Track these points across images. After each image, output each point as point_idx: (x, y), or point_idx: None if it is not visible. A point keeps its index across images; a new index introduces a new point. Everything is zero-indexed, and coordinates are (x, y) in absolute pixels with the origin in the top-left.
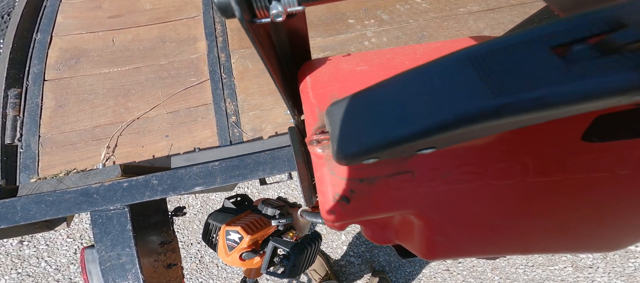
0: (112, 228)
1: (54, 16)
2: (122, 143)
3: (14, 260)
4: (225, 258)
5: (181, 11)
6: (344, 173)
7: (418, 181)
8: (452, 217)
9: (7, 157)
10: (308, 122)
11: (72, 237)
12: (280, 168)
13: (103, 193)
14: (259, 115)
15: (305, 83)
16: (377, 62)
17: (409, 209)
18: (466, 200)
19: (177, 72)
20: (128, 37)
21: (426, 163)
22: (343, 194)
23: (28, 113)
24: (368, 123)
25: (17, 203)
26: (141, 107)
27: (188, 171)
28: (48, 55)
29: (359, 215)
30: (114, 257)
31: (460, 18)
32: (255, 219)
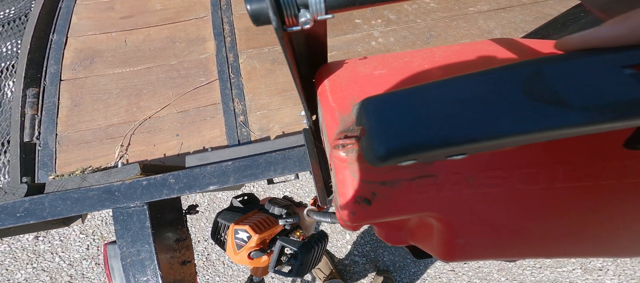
0: (132, 225)
1: (69, 17)
2: (134, 141)
3: (30, 255)
4: (233, 256)
5: (190, 11)
6: (367, 176)
7: (441, 185)
8: (475, 220)
9: (25, 154)
10: (328, 125)
11: (85, 233)
12: (291, 168)
13: (124, 190)
14: (267, 115)
15: (324, 86)
16: (396, 65)
17: (431, 212)
18: (490, 204)
19: (186, 72)
20: (140, 38)
21: (449, 167)
22: (365, 196)
23: (46, 112)
24: (414, 123)
25: (45, 199)
26: (152, 106)
27: (203, 171)
28: (64, 55)
29: (379, 217)
30: (134, 253)
31: (470, 17)
32: (262, 218)
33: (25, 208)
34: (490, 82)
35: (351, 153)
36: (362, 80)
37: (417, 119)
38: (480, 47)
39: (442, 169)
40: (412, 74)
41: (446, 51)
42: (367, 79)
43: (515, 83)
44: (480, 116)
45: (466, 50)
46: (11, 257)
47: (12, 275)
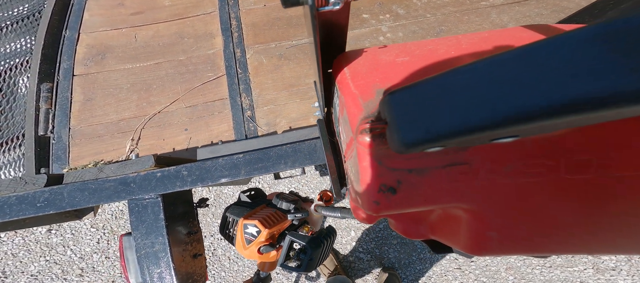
0: (146, 216)
1: (81, 14)
2: (144, 135)
3: (43, 248)
4: (242, 251)
5: (198, 7)
6: (393, 163)
7: (475, 174)
8: (511, 212)
9: (40, 148)
10: (351, 112)
11: (96, 227)
12: (302, 161)
13: (139, 182)
14: (273, 110)
15: (344, 74)
16: (419, 53)
17: (462, 203)
18: (530, 194)
19: (195, 67)
20: (149, 34)
21: (486, 155)
22: (389, 185)
23: (59, 106)
24: (443, 108)
25: (64, 190)
26: (162, 101)
27: (214, 163)
28: (76, 51)
29: (404, 207)
30: (148, 244)
31: (482, 11)
32: (271, 213)
33: (46, 198)
34: (522, 63)
35: (377, 138)
36: (384, 67)
37: (451, 104)
38: (512, 34)
39: (477, 156)
40: (438, 62)
41: (474, 38)
42: (390, 67)
43: (583, 42)
44: (544, 78)
45: (497, 37)
46: (25, 250)
47: (26, 267)
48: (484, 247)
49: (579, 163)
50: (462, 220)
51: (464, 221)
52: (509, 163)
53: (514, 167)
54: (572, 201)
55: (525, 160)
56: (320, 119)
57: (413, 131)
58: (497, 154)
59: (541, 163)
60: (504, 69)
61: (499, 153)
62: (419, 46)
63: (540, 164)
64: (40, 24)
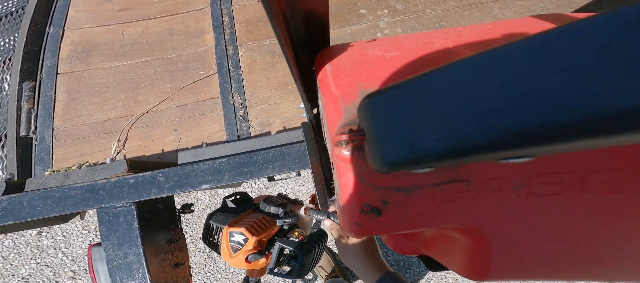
0: (118, 226)
1: (66, 10)
2: (132, 136)
3: (33, 250)
4: (229, 260)
5: (189, 3)
6: (377, 181)
7: (475, 193)
8: (517, 236)
9: (22, 149)
10: (330, 116)
11: (87, 229)
12: (290, 166)
13: (109, 189)
14: (267, 109)
15: (325, 72)
16: (411, 47)
17: (458, 224)
18: (543, 216)
19: (185, 65)
20: (137, 30)
21: (487, 171)
22: (373, 205)
23: (42, 106)
24: (432, 119)
25: (23, 198)
26: (150, 100)
27: (195, 168)
28: (60, 48)
29: (391, 230)
30: (121, 255)
31: (484, 6)
32: (258, 219)
33: (3, 207)
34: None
35: (357, 151)
36: (370, 63)
37: (442, 115)
38: (521, 24)
39: (477, 173)
40: (433, 57)
41: (476, 30)
42: (377, 63)
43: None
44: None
45: (503, 27)
46: (15, 252)
47: (17, 270)
48: (484, 273)
49: (606, 181)
50: (458, 242)
51: (461, 244)
52: (518, 180)
53: (524, 185)
54: (595, 225)
55: (539, 177)
56: (306, 121)
57: (395, 147)
58: (504, 170)
59: (559, 180)
60: (517, 64)
61: (506, 169)
62: (411, 39)
63: (558, 182)
64: (23, 20)
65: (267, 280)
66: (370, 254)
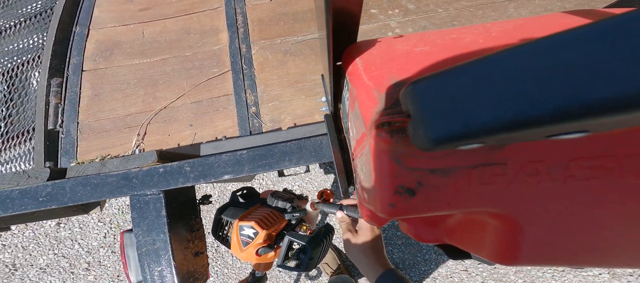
0: (148, 213)
1: (91, 10)
2: (150, 131)
3: (52, 241)
4: (239, 253)
5: (204, 2)
6: (413, 162)
7: (511, 176)
8: (550, 221)
9: (49, 142)
10: (364, 105)
11: (103, 221)
12: (307, 159)
13: (141, 177)
14: (278, 106)
15: (355, 65)
16: (441, 42)
17: (492, 207)
18: (579, 200)
19: (200, 63)
20: (156, 29)
21: (526, 154)
22: (408, 186)
23: (68, 101)
24: (488, 97)
25: (66, 184)
26: (168, 97)
27: (217, 159)
28: (86, 47)
29: (424, 211)
30: (149, 242)
31: (498, 6)
32: (267, 213)
33: (48, 192)
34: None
35: (396, 133)
36: (401, 57)
37: (501, 89)
38: (554, 20)
39: (515, 156)
40: (467, 52)
41: (507, 26)
42: (408, 57)
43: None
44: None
45: (536, 23)
46: (35, 243)
47: (35, 260)
48: (517, 257)
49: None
50: (489, 225)
51: (493, 227)
52: (555, 163)
53: (561, 168)
54: (632, 209)
55: (577, 160)
56: (328, 114)
57: (445, 124)
58: (542, 153)
59: (599, 164)
60: (581, 50)
61: (544, 152)
62: (440, 34)
63: (597, 166)
64: (52, 20)
65: (271, 276)
66: (376, 251)
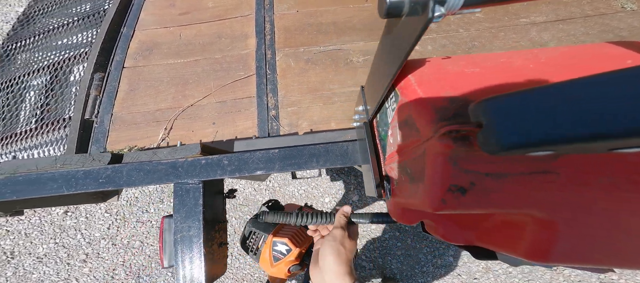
0: (188, 200)
1: (138, 13)
2: (176, 126)
3: (56, 230)
4: (269, 268)
5: (237, 9)
6: (468, 165)
7: (563, 184)
8: (594, 227)
9: (83, 130)
10: (419, 116)
11: (109, 212)
12: (333, 162)
13: (186, 167)
14: (296, 111)
15: (408, 81)
16: (490, 65)
17: (538, 211)
18: (620, 211)
19: (228, 65)
20: (192, 32)
21: (578, 165)
22: (461, 185)
23: (106, 94)
24: (544, 117)
25: (123, 168)
26: (195, 95)
27: (252, 155)
28: (129, 46)
29: (470, 208)
30: (185, 228)
31: (521, 29)
32: (298, 229)
33: (107, 175)
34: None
35: (458, 140)
36: (453, 77)
37: (564, 110)
38: (601, 51)
39: (568, 166)
40: (518, 74)
41: (554, 53)
42: (460, 76)
43: None
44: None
45: (584, 52)
46: (39, 230)
47: (35, 249)
48: (547, 256)
49: None
50: (528, 227)
51: (531, 228)
52: (606, 175)
53: (610, 180)
54: None
55: (627, 174)
56: (366, 122)
57: (516, 134)
58: (592, 165)
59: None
60: (613, 92)
61: (595, 164)
62: (488, 58)
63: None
64: (104, 21)
65: None
66: (349, 264)
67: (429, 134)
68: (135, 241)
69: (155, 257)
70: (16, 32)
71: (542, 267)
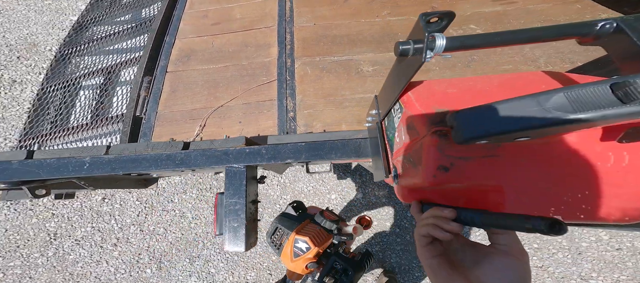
0: (235, 181)
1: (178, 24)
2: (208, 124)
3: (93, 215)
4: (289, 263)
5: (261, 21)
6: (449, 152)
7: (504, 162)
8: (527, 190)
9: (134, 125)
10: (417, 122)
11: (140, 200)
12: (349, 155)
13: (235, 154)
14: (312, 114)
15: (409, 96)
16: (463, 87)
17: (491, 181)
18: (542, 179)
19: (253, 71)
20: (223, 41)
21: (514, 150)
22: (444, 165)
23: (153, 95)
24: (488, 121)
25: (192, 153)
26: (225, 97)
27: (284, 147)
28: (171, 53)
29: (452, 181)
30: (232, 203)
31: (524, 48)
32: (318, 230)
33: (181, 158)
34: (530, 102)
35: (442, 137)
36: (438, 95)
37: (492, 118)
38: (531, 78)
39: (506, 151)
40: (478, 94)
41: (501, 78)
42: (442, 95)
43: (538, 103)
44: (527, 117)
45: (519, 79)
46: (79, 215)
47: (74, 232)
48: (504, 210)
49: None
50: (488, 194)
51: (490, 194)
52: (530, 155)
53: (534, 158)
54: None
55: (545, 155)
56: (379, 123)
57: (474, 131)
58: (522, 150)
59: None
60: (522, 105)
61: (524, 149)
62: (462, 81)
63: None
64: (150, 30)
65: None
66: None
67: (424, 133)
68: (160, 228)
69: (176, 243)
70: (71, 39)
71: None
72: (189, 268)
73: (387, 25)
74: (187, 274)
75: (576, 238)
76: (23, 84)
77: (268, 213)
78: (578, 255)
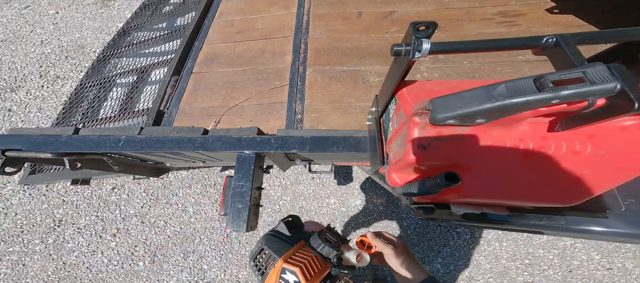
0: (245, 166)
1: (207, 31)
2: (223, 120)
3: (101, 204)
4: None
5: (279, 31)
6: (427, 133)
7: (469, 144)
8: (490, 171)
9: (157, 118)
10: (406, 110)
11: (147, 192)
12: (349, 149)
13: (247, 141)
14: (318, 117)
15: (403, 92)
16: (448, 87)
17: (460, 159)
18: (504, 162)
19: (268, 76)
20: (244, 48)
21: (478, 132)
22: (423, 144)
23: (177, 93)
24: (455, 105)
25: (210, 138)
26: (240, 98)
27: (291, 138)
28: (198, 56)
29: (430, 159)
30: (240, 186)
31: (516, 64)
32: (312, 259)
33: (201, 141)
34: (482, 91)
35: (422, 119)
36: (427, 91)
37: (458, 104)
38: None
39: (472, 133)
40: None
41: (482, 82)
42: (430, 92)
43: (487, 91)
44: (480, 101)
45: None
46: (87, 203)
47: (78, 220)
48: (466, 190)
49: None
50: (457, 171)
51: (460, 172)
52: (494, 139)
53: (498, 142)
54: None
55: (509, 139)
56: (376, 118)
57: (445, 114)
58: (487, 134)
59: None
60: (477, 93)
61: (486, 130)
62: (448, 82)
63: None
64: (182, 37)
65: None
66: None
67: (409, 117)
68: (160, 221)
69: (174, 237)
70: (114, 42)
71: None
72: (182, 263)
73: (395, 41)
74: (179, 269)
75: (568, 256)
76: (64, 80)
77: (267, 212)
78: (568, 272)
